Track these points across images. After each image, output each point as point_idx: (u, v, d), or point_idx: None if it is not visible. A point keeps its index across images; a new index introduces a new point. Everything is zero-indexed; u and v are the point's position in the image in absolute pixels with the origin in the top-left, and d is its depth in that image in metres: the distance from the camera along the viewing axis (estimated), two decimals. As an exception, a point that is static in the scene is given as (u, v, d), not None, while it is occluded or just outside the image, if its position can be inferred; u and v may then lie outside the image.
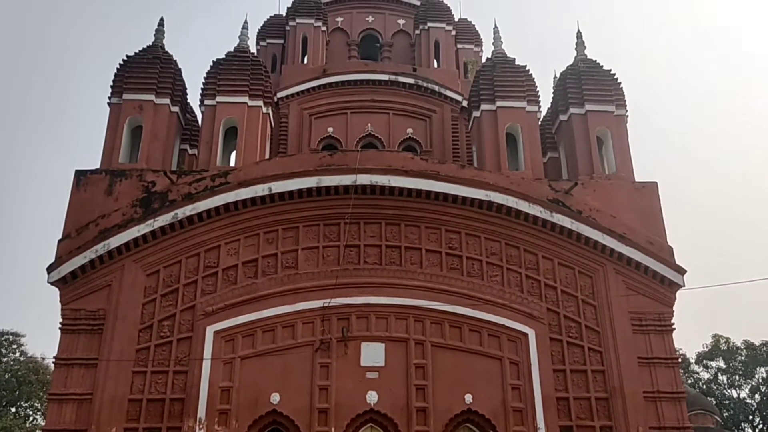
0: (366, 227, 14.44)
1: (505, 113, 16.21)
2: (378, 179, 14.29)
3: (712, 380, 43.89)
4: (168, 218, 13.92)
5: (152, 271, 13.84)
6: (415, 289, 13.90)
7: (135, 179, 14.57)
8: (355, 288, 13.86)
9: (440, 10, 23.03)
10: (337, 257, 14.14)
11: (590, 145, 15.69)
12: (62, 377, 13.05)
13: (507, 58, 17.25)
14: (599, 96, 16.12)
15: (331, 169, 14.37)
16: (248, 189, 14.16)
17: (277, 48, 23.19)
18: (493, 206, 14.35)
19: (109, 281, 13.65)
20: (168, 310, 13.60)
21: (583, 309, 13.97)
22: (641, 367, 13.48)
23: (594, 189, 14.95)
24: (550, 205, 14.38)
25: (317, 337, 13.47)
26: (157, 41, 17.07)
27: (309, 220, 14.39)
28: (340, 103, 20.52)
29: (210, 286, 13.80)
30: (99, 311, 13.43)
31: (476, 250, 14.37)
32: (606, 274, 14.16)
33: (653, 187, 15.18)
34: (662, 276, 14.11)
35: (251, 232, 14.25)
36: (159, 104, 15.93)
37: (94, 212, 14.15)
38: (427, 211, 14.47)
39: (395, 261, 14.20)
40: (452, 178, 14.41)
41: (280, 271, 13.98)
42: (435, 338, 13.60)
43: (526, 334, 13.68)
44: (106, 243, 13.64)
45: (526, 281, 14.15)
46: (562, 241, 14.36)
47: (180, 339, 13.37)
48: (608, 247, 14.17)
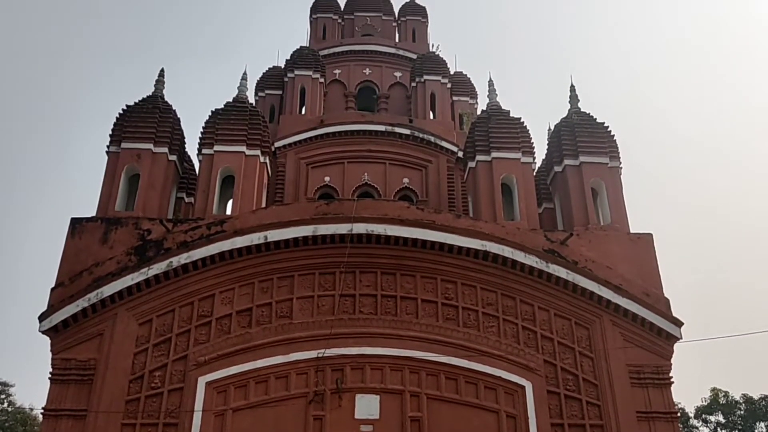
0: (361, 276, 14.39)
1: (500, 164, 16.36)
2: (374, 228, 14.31)
3: (712, 435, 43.09)
4: (163, 266, 13.85)
5: (145, 320, 13.70)
6: (411, 339, 13.76)
7: (131, 227, 14.55)
8: (350, 338, 13.71)
9: (436, 63, 23.51)
10: (332, 307, 14.03)
11: (585, 196, 15.79)
12: (51, 429, 12.75)
13: (502, 110, 17.52)
14: (593, 148, 16.31)
15: (327, 218, 14.40)
16: (244, 237, 14.14)
17: (275, 99, 23.56)
18: (488, 256, 14.34)
19: (100, 330, 13.49)
20: (159, 360, 13.40)
21: (580, 361, 13.81)
22: (640, 422, 13.25)
23: (589, 240, 14.98)
24: (545, 256, 14.38)
25: (311, 388, 13.25)
26: (157, 91, 17.31)
27: (304, 268, 14.34)
28: (337, 152, 20.72)
29: (203, 336, 13.64)
30: (90, 361, 13.22)
31: (472, 300, 14.29)
32: (603, 326, 14.06)
33: (648, 238, 15.21)
34: (659, 328, 14.01)
35: (246, 281, 14.17)
36: (157, 153, 16.05)
37: (88, 260, 14.08)
38: (423, 260, 14.45)
39: (391, 311, 14.09)
40: (448, 227, 14.44)
41: (274, 321, 13.85)
42: (431, 390, 13.39)
43: (522, 386, 13.48)
44: (100, 291, 13.54)
45: (523, 332, 14.03)
46: (558, 292, 14.31)
47: (171, 390, 13.12)
48: (604, 299, 14.11)
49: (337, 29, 27.12)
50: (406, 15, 27.73)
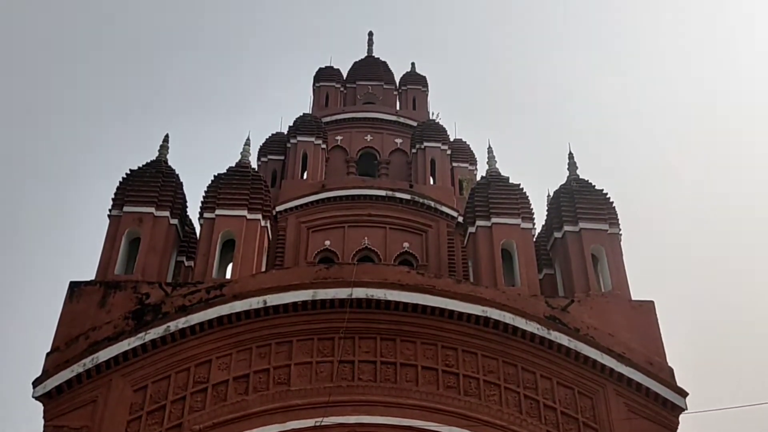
0: (361, 342, 14.22)
1: (500, 230, 16.43)
2: (374, 293, 14.24)
3: None
4: (160, 331, 13.70)
5: (140, 386, 13.44)
6: (411, 408, 13.47)
7: (129, 291, 14.48)
8: (348, 406, 13.43)
9: (436, 130, 23.94)
10: (331, 373, 13.80)
11: (585, 262, 15.77)
12: (37, 501, 12.34)
13: (501, 177, 17.72)
14: (592, 215, 16.41)
15: (327, 282, 14.36)
16: (243, 302, 14.05)
17: (277, 164, 23.86)
18: (489, 322, 14.21)
19: (94, 397, 13.21)
20: (153, 429, 13.06)
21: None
22: (649, 499, 12.82)
23: (591, 306, 14.87)
24: (547, 323, 14.25)
25: (308, 458, 12.90)
26: (161, 156, 17.55)
27: (303, 334, 14.19)
28: (338, 217, 20.83)
29: (198, 403, 13.36)
30: (82, 429, 12.87)
31: (473, 367, 14.07)
32: (607, 396, 13.78)
33: (650, 306, 15.11)
34: (664, 398, 13.72)
35: (244, 346, 13.99)
36: (159, 216, 16.14)
37: (85, 324, 13.93)
38: (423, 326, 14.31)
39: (390, 378, 13.86)
40: (448, 292, 14.37)
41: (271, 387, 13.59)
42: (431, 462, 13.03)
43: (526, 458, 13.13)
44: (95, 356, 13.34)
45: (525, 401, 13.75)
46: (560, 360, 14.10)
47: (164, 460, 12.78)
48: (608, 367, 13.89)
49: (340, 97, 27.72)
50: (406, 84, 28.40)
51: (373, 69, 28.93)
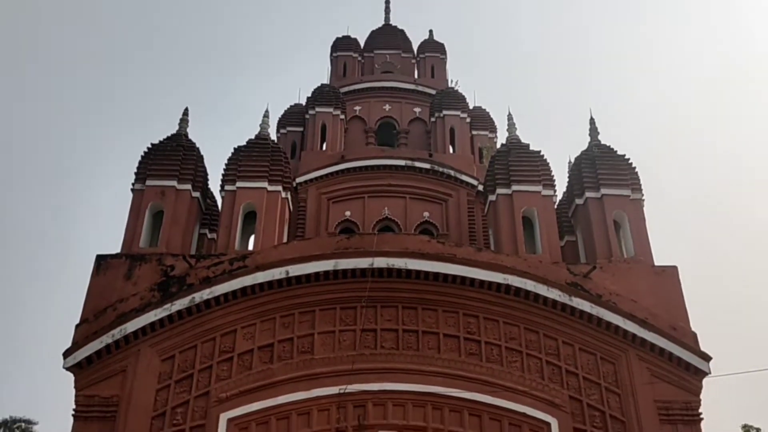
0: (382, 311, 14.33)
1: (520, 197, 16.34)
2: (395, 262, 14.29)
3: (745, 474, 41.70)
4: (185, 302, 13.93)
5: (167, 356, 13.74)
6: (433, 375, 13.60)
7: (154, 263, 14.71)
8: (371, 374, 13.60)
9: (455, 98, 23.74)
10: (354, 342, 13.96)
11: (607, 229, 15.65)
12: (73, 466, 12.75)
13: (521, 144, 17.56)
14: (614, 180, 16.23)
15: (348, 252, 14.44)
16: (265, 272, 14.20)
17: (296, 135, 23.88)
18: (511, 290, 14.22)
19: (123, 367, 13.55)
20: (182, 397, 13.38)
21: (606, 397, 13.53)
22: (671, 460, 12.89)
23: (613, 273, 14.80)
24: (568, 289, 14.22)
25: (333, 425, 13.12)
26: (181, 129, 17.65)
27: (325, 303, 14.33)
28: (358, 187, 20.86)
29: (225, 372, 13.62)
30: (113, 397, 13.25)
31: (495, 334, 14.13)
32: (629, 361, 13.79)
33: (673, 271, 14.99)
34: (687, 363, 13.69)
35: (268, 316, 14.19)
36: (181, 190, 16.29)
37: (112, 297, 14.22)
38: (445, 294, 14.37)
39: (412, 346, 13.98)
40: (469, 261, 14.38)
41: (295, 356, 13.80)
42: (454, 427, 13.17)
43: (548, 423, 13.21)
44: (123, 327, 13.63)
45: (547, 367, 13.81)
46: (582, 326, 14.10)
47: (193, 427, 13.06)
48: (630, 333, 13.87)
49: (358, 67, 27.55)
50: (425, 52, 28.12)
51: (390, 37, 28.65)
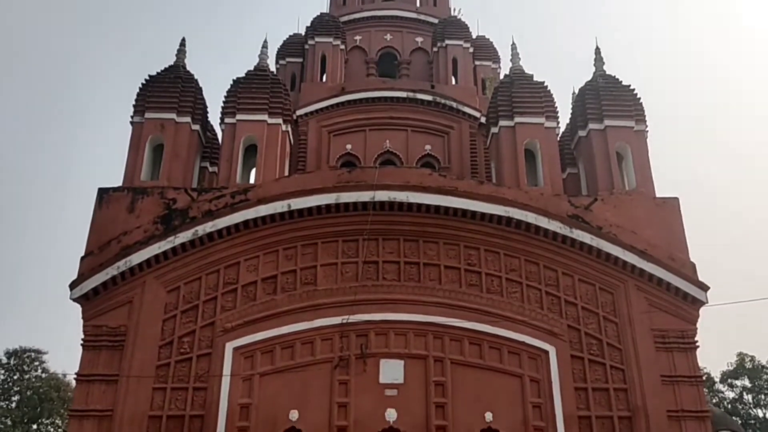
0: (384, 243, 14.45)
1: (523, 129, 16.19)
2: (396, 195, 14.31)
3: (737, 399, 43.05)
4: (188, 235, 14.04)
5: (173, 287, 13.95)
6: (434, 305, 13.85)
7: (156, 197, 14.74)
8: (373, 304, 13.84)
9: (458, 27, 23.15)
10: (356, 273, 14.14)
11: (610, 161, 15.59)
12: (83, 393, 13.14)
13: (525, 75, 17.27)
14: (618, 111, 16.05)
15: (349, 186, 14.44)
16: (268, 206, 14.25)
17: (296, 66, 23.43)
18: (512, 222, 14.30)
19: (130, 298, 13.78)
20: (188, 327, 13.67)
21: (604, 326, 13.82)
22: (665, 386, 13.27)
23: (614, 205, 14.84)
24: (569, 221, 14.30)
25: (336, 353, 13.45)
26: (179, 61, 17.33)
27: (328, 236, 14.43)
28: (359, 120, 20.65)
29: (229, 303, 13.87)
30: (120, 327, 13.54)
31: (495, 266, 14.30)
32: (627, 291, 14.01)
33: (674, 202, 15.03)
34: (685, 293, 13.92)
35: (270, 249, 14.32)
36: (180, 123, 16.15)
37: (116, 229, 14.31)
38: (446, 227, 14.45)
39: (414, 277, 14.17)
40: (471, 194, 14.40)
41: (299, 288, 14.01)
42: (454, 355, 13.52)
43: (546, 351, 13.55)
44: (128, 260, 13.79)
45: (546, 298, 14.04)
46: (582, 257, 14.25)
47: (200, 355, 13.42)
48: (629, 264, 14.03)
49: (358, -6, 26.75)
50: (426, -21, 27.24)
51: (390, -36, 27.71)
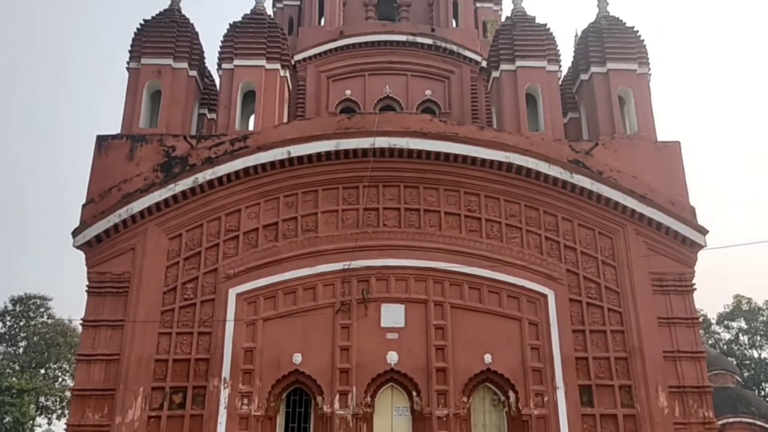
0: (385, 190, 14.47)
1: (524, 73, 15.99)
2: (396, 142, 14.25)
3: (733, 341, 43.92)
4: (189, 183, 14.05)
5: (174, 234, 14.05)
6: (434, 251, 13.96)
7: (155, 144, 14.68)
8: (374, 250, 13.95)
9: (458, -32, 22.56)
10: (357, 220, 14.20)
11: (611, 105, 15.46)
12: (90, 338, 13.40)
13: (527, 17, 16.93)
14: (621, 54, 15.81)
15: (349, 132, 14.35)
16: (267, 153, 14.20)
17: (293, 10, 22.98)
18: (512, 168, 14.28)
19: (132, 245, 13.89)
20: (191, 273, 13.83)
21: (602, 270, 13.96)
22: (661, 327, 13.51)
23: (615, 149, 14.79)
24: (570, 166, 14.27)
25: (338, 298, 13.64)
26: (174, 4, 16.96)
27: (328, 183, 14.44)
28: (358, 65, 20.37)
29: (231, 250, 13.98)
30: (124, 274, 13.69)
31: (495, 212, 14.36)
32: (626, 235, 14.10)
33: (676, 146, 14.97)
34: (684, 236, 14.02)
35: (271, 196, 14.35)
36: (177, 68, 15.93)
37: (116, 177, 14.32)
38: (446, 173, 14.44)
39: (414, 224, 14.24)
40: (471, 139, 14.33)
41: (300, 235, 14.10)
42: (454, 300, 13.71)
43: (545, 295, 13.74)
44: (129, 207, 13.84)
45: (546, 243, 14.15)
46: (582, 203, 14.29)
47: (203, 301, 13.62)
48: (629, 208, 14.09)
49: (355, -66, 25.97)
50: None
51: None
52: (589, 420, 12.98)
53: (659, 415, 12.90)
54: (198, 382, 13.06)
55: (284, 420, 13.48)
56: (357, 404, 12.97)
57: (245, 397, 12.98)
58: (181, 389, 13.04)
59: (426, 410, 13.00)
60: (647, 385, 13.06)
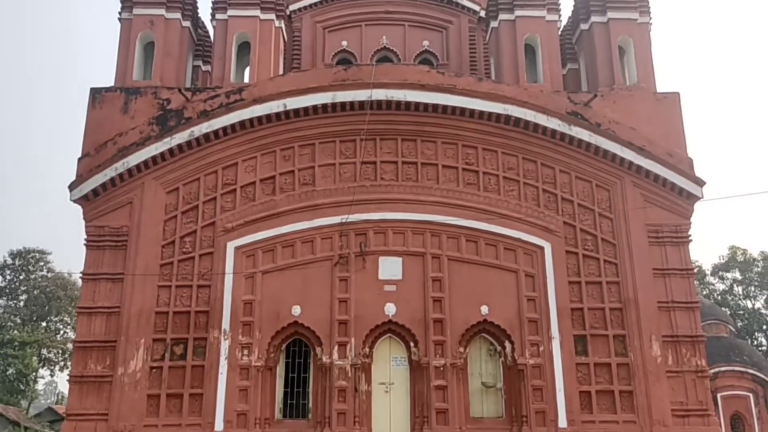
0: (382, 143, 14.40)
1: (523, 23, 15.74)
2: (393, 94, 14.12)
3: (727, 291, 44.42)
4: (185, 136, 13.96)
5: (171, 188, 14.03)
6: (432, 204, 13.98)
7: (150, 97, 14.52)
8: (372, 204, 13.97)
9: None
10: (354, 174, 14.17)
11: (611, 55, 15.29)
12: (90, 291, 13.52)
13: (526, -36, 16.53)
14: (622, 3, 15.55)
15: (345, 85, 14.20)
16: (263, 106, 14.08)
17: (288, -42, 22.40)
18: (510, 120, 14.19)
19: (130, 199, 13.89)
20: (189, 227, 13.87)
21: (599, 222, 14.03)
22: (656, 278, 13.65)
23: (614, 101, 14.68)
24: (568, 118, 14.19)
25: (336, 252, 13.72)
26: (165, -48, 16.52)
27: (325, 136, 14.35)
28: (354, 15, 19.99)
29: (229, 203, 13.99)
30: (122, 228, 13.73)
31: (493, 165, 14.33)
32: (624, 188, 14.12)
33: (675, 98, 14.86)
34: (681, 188, 14.05)
35: (268, 150, 14.28)
36: (170, 19, 15.66)
37: (111, 130, 14.21)
38: (444, 126, 14.35)
39: (411, 177, 14.22)
40: (469, 91, 14.20)
41: (297, 188, 14.09)
42: (451, 252, 13.79)
43: (542, 247, 13.83)
44: (125, 161, 13.79)
45: (543, 195, 14.17)
46: (579, 155, 14.26)
47: (202, 255, 13.69)
48: (627, 160, 14.07)
49: None
50: None
51: None
52: (584, 368, 13.24)
53: (652, 363, 13.15)
54: (198, 334, 13.24)
55: (284, 370, 13.71)
56: (355, 355, 13.19)
57: (245, 348, 13.18)
58: (182, 341, 13.23)
59: (423, 360, 13.22)
60: (641, 335, 13.28)
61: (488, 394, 13.57)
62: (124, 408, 12.76)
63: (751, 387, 26.27)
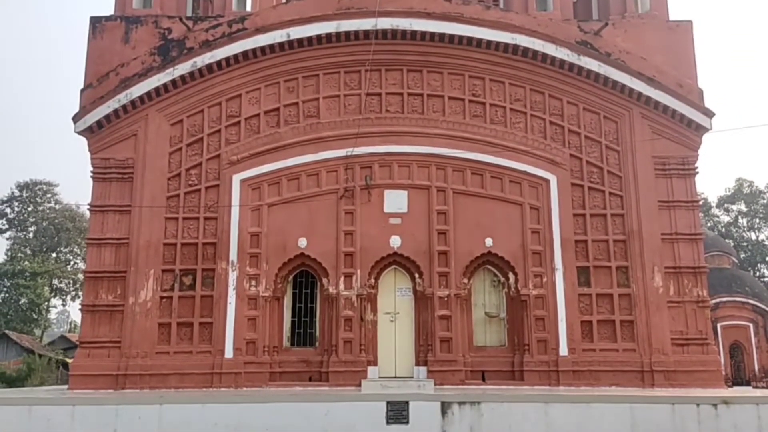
0: (387, 74, 14.18)
1: (534, -53, 15.18)
2: (399, 23, 13.81)
3: (732, 223, 44.57)
4: (187, 67, 13.77)
5: (176, 120, 13.95)
6: (438, 137, 13.89)
7: (151, 26, 14.25)
8: (377, 137, 13.89)
9: None
10: (359, 106, 14.03)
11: (624, -19, 14.81)
12: (98, 223, 13.66)
13: None
14: (637, -74, 14.95)
15: (350, 13, 13.87)
16: (266, 35, 13.81)
17: None
18: (518, 50, 13.91)
19: (134, 131, 13.84)
20: (194, 159, 13.86)
21: (606, 154, 13.95)
22: (661, 211, 13.68)
23: (625, 29, 14.32)
24: (577, 48, 13.89)
25: (341, 185, 13.75)
26: None
27: (329, 67, 14.14)
28: (359, -61, 19.29)
29: (234, 136, 13.93)
30: (128, 160, 13.74)
31: (500, 96, 14.15)
32: (632, 119, 13.96)
33: (687, 26, 14.49)
34: (689, 119, 13.87)
35: (271, 81, 14.10)
36: (168, -57, 15.17)
37: (113, 61, 14.03)
38: (450, 56, 14.09)
39: (417, 109, 14.07)
40: (476, 20, 13.87)
41: (302, 121, 13.99)
42: (457, 185, 13.80)
43: (547, 180, 13.81)
44: (128, 92, 13.66)
45: (550, 127, 14.04)
46: (588, 86, 14.04)
47: (208, 187, 13.75)
48: (636, 91, 13.85)
49: None
50: None
51: None
52: (586, 299, 13.45)
53: (654, 293, 13.34)
54: (206, 265, 13.45)
55: (291, 300, 13.99)
56: (361, 285, 13.40)
57: (253, 279, 13.40)
58: (190, 271, 13.45)
59: (428, 291, 13.44)
60: (644, 266, 13.42)
61: (491, 324, 13.86)
62: (136, 336, 13.10)
63: (751, 317, 26.73)
